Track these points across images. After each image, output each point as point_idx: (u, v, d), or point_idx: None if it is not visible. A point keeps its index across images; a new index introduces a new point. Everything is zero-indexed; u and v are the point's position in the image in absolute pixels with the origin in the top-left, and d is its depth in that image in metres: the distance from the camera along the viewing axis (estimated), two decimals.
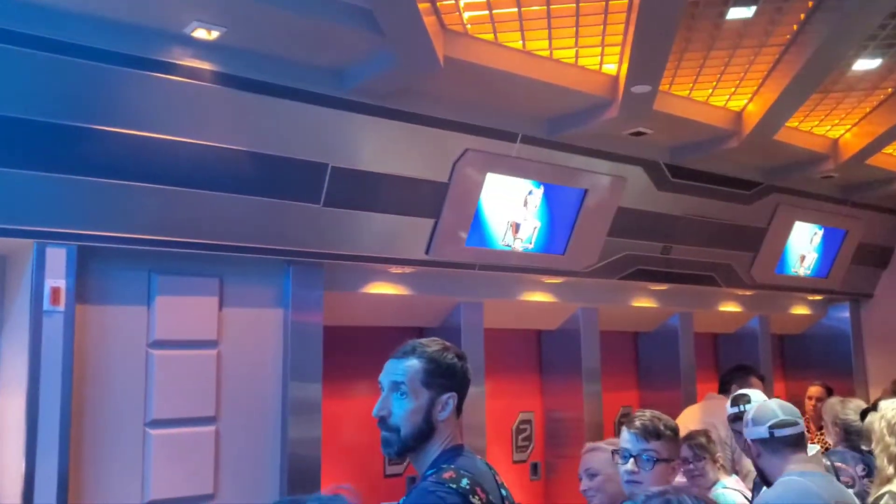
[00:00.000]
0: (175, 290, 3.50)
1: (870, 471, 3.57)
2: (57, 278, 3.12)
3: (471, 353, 4.65)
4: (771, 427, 2.67)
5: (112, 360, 3.33)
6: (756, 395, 3.60)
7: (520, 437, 5.51)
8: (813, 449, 3.63)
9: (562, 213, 4.85)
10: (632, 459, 2.55)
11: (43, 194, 3.05)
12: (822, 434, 5.33)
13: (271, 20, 3.09)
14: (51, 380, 3.07)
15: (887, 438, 3.20)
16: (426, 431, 2.05)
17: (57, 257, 3.13)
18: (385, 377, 2.10)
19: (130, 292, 3.43)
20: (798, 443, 2.68)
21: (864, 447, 3.88)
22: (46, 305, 3.09)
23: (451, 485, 1.89)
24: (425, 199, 4.16)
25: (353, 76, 3.61)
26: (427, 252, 4.29)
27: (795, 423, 2.69)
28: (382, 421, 2.05)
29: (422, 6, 3.03)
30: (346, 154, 3.80)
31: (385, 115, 3.84)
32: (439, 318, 4.84)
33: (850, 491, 3.29)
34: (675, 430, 2.64)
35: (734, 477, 3.63)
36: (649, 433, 2.56)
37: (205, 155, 3.38)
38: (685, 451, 3.49)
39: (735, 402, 3.59)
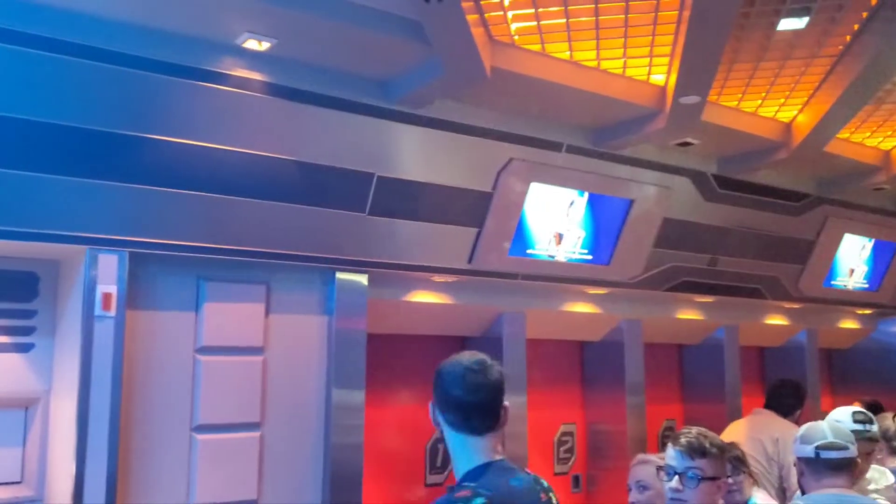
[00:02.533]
0: (222, 297, 3.55)
1: None
2: (108, 284, 3.18)
3: (512, 363, 4.69)
4: (818, 448, 2.64)
5: (160, 365, 3.39)
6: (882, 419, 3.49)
7: (561, 449, 5.46)
8: (887, 476, 3.55)
9: (607, 223, 4.82)
10: (676, 477, 2.51)
11: (96, 201, 3.12)
12: None
13: (321, 32, 3.13)
14: (101, 383, 3.13)
15: None
16: (447, 445, 2.13)
17: (108, 263, 3.20)
18: None
19: (179, 298, 3.48)
20: (842, 468, 2.63)
21: None
22: (98, 311, 3.15)
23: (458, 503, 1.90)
24: (469, 208, 4.16)
25: (399, 86, 3.64)
26: (470, 261, 4.29)
27: (845, 448, 2.64)
28: None
29: (470, 18, 3.04)
30: (392, 163, 3.82)
31: (430, 124, 3.86)
32: (481, 328, 4.83)
33: None
34: (722, 448, 2.60)
35: (763, 492, 3.57)
36: (695, 451, 2.52)
37: (252, 164, 3.42)
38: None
39: (857, 420, 3.49)
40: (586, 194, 4.66)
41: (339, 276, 3.85)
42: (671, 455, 2.57)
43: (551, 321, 5.15)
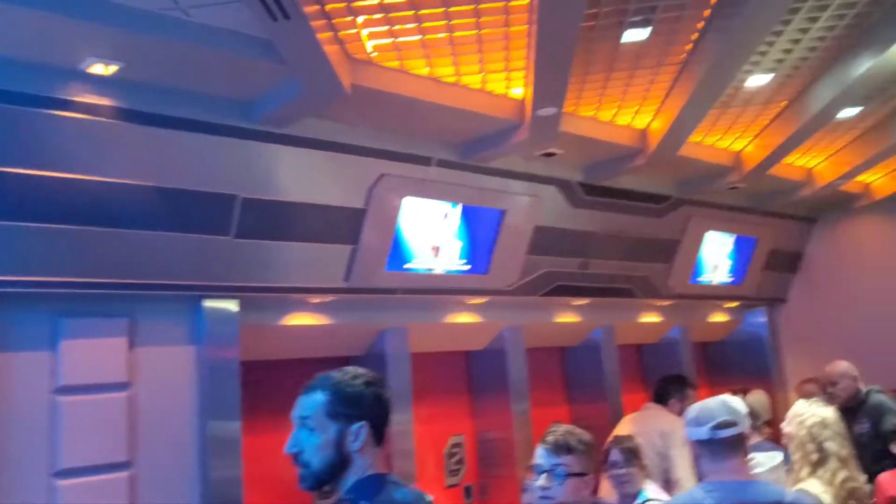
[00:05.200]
0: (82, 333, 3.39)
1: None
2: None
3: (397, 379, 4.68)
4: (713, 428, 2.58)
5: (15, 408, 3.20)
6: (738, 401, 3.64)
7: (452, 461, 5.49)
8: (775, 458, 3.73)
9: (482, 234, 4.91)
10: (544, 474, 2.57)
11: None
12: None
13: (170, 54, 3.05)
14: None
15: (808, 446, 3.32)
16: (339, 464, 2.03)
17: None
18: (295, 413, 2.08)
19: (34, 337, 3.30)
20: (737, 444, 2.59)
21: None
22: None
23: None
24: (342, 225, 4.14)
25: (260, 106, 3.60)
26: (346, 279, 4.27)
27: (736, 423, 2.59)
28: (295, 457, 2.04)
29: (323, 36, 3.04)
30: (257, 184, 3.76)
31: (296, 143, 3.83)
32: (364, 346, 4.81)
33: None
34: (589, 445, 2.67)
35: (654, 485, 3.70)
36: (561, 448, 2.58)
37: (108, 192, 3.29)
38: (615, 455, 3.55)
39: None
40: (459, 206, 4.74)
41: (207, 303, 3.76)
42: (539, 454, 2.62)
43: (434, 333, 5.18)
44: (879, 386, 5.18)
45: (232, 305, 3.85)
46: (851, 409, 5.24)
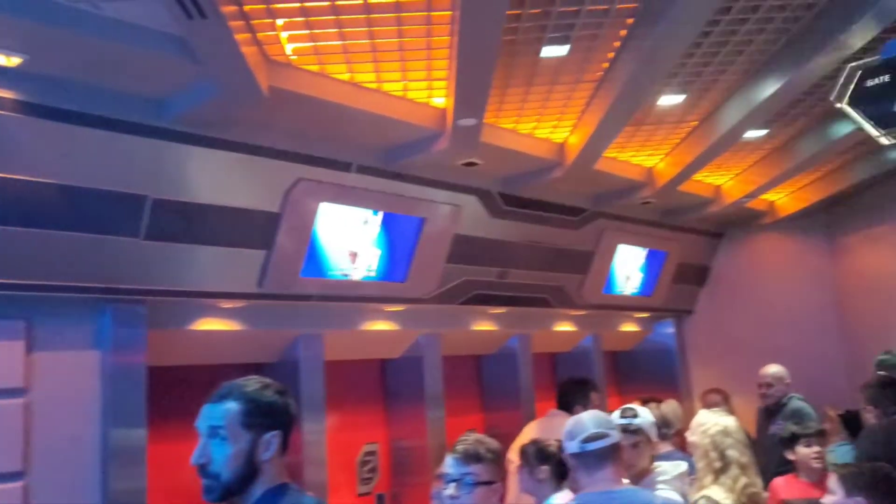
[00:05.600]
0: None
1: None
2: None
3: (311, 386, 4.62)
4: (582, 441, 2.68)
5: None
6: (642, 410, 3.72)
7: (364, 469, 5.45)
8: (680, 467, 3.83)
9: (401, 241, 4.90)
10: (453, 483, 2.58)
11: None
12: None
13: (77, 47, 2.92)
14: None
15: (711, 454, 3.45)
16: (249, 474, 2.01)
17: None
18: (202, 422, 2.04)
19: None
20: (607, 456, 2.68)
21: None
22: None
23: None
24: (256, 230, 4.06)
25: (174, 105, 3.49)
26: (260, 285, 4.19)
27: (606, 435, 2.69)
28: (202, 468, 2.00)
29: (241, 37, 2.98)
30: (169, 185, 3.65)
31: (211, 144, 3.73)
32: (277, 353, 4.73)
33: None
34: (497, 453, 2.70)
35: (565, 491, 3.76)
36: (470, 457, 2.60)
37: (9, 189, 3.13)
38: (529, 459, 3.61)
39: (623, 416, 3.68)
40: (379, 213, 4.72)
41: (113, 306, 3.61)
42: (448, 463, 2.64)
43: (350, 341, 5.14)
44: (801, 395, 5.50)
45: (140, 309, 3.72)
46: (773, 411, 5.53)
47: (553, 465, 3.58)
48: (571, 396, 5.37)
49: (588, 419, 2.75)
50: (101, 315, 3.61)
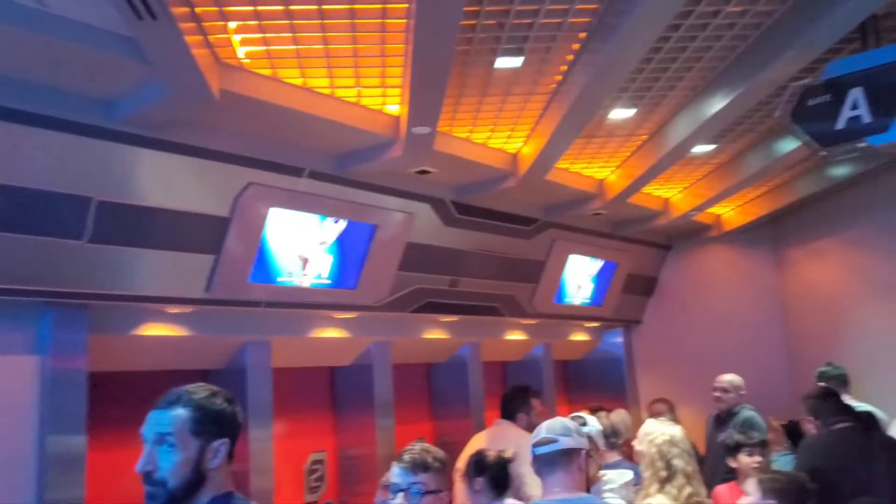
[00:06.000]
0: None
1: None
2: None
3: (258, 394, 4.56)
4: (533, 446, 2.70)
5: None
6: (590, 418, 3.71)
7: (312, 478, 5.39)
8: (625, 475, 3.86)
9: (352, 248, 4.87)
10: (401, 493, 2.57)
11: None
12: None
13: (21, 44, 2.84)
14: None
15: (658, 463, 3.50)
16: (196, 482, 1.98)
17: None
18: (149, 429, 2.00)
19: None
20: (556, 461, 2.68)
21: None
22: None
23: None
24: (205, 234, 4.00)
25: (123, 106, 3.42)
26: (207, 290, 4.12)
27: (554, 441, 2.68)
28: (147, 476, 1.96)
29: (192, 38, 2.93)
30: (115, 187, 3.58)
31: (159, 147, 3.67)
32: (224, 360, 4.66)
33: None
34: (444, 462, 2.69)
35: (509, 500, 3.77)
36: (417, 466, 2.60)
37: None
38: (469, 470, 3.61)
39: None
40: (338, 220, 4.68)
41: (54, 310, 3.52)
42: (395, 472, 2.63)
43: (299, 348, 5.09)
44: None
45: (81, 313, 3.63)
46: (723, 419, 5.64)
47: (489, 476, 3.59)
48: (513, 404, 5.35)
49: (545, 424, 2.77)
50: (42, 319, 3.52)
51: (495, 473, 3.59)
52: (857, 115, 3.68)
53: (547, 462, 2.69)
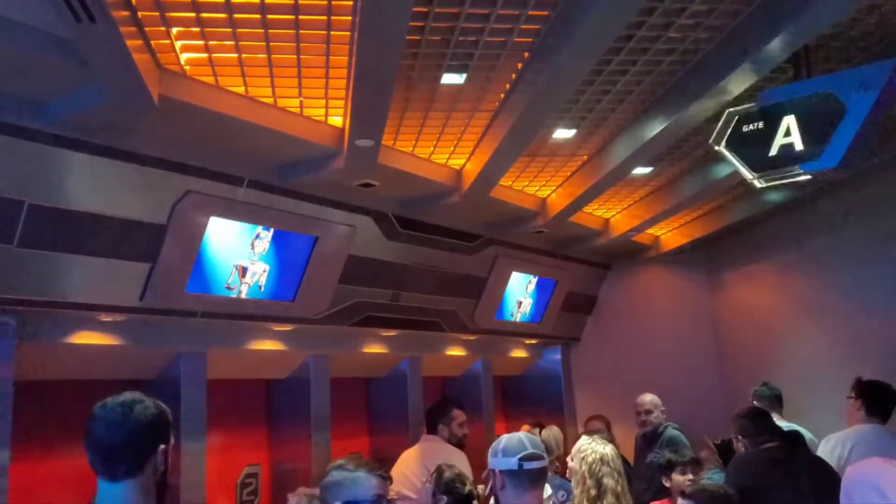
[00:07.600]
0: None
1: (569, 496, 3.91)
2: None
3: (191, 406, 4.48)
4: (521, 459, 2.69)
5: None
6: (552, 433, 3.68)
7: (245, 492, 5.30)
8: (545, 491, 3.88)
9: (292, 260, 4.83)
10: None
11: None
12: None
13: None
14: None
15: (588, 481, 3.55)
16: None
17: None
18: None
19: None
20: (540, 478, 2.75)
21: None
22: None
23: None
24: (140, 241, 3.92)
25: (58, 109, 3.33)
26: (142, 299, 4.04)
27: (542, 458, 2.74)
28: None
29: (132, 43, 2.89)
30: (49, 191, 3.49)
31: (95, 151, 3.59)
32: (156, 370, 4.56)
33: None
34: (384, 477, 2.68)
35: None
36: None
37: None
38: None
39: None
40: (271, 230, 4.64)
41: None
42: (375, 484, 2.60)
43: (235, 360, 5.02)
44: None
45: (9, 320, 3.51)
46: (650, 438, 5.74)
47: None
48: (434, 417, 5.41)
49: (525, 439, 2.76)
50: None
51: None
52: (790, 142, 3.81)
53: (535, 478, 2.71)
